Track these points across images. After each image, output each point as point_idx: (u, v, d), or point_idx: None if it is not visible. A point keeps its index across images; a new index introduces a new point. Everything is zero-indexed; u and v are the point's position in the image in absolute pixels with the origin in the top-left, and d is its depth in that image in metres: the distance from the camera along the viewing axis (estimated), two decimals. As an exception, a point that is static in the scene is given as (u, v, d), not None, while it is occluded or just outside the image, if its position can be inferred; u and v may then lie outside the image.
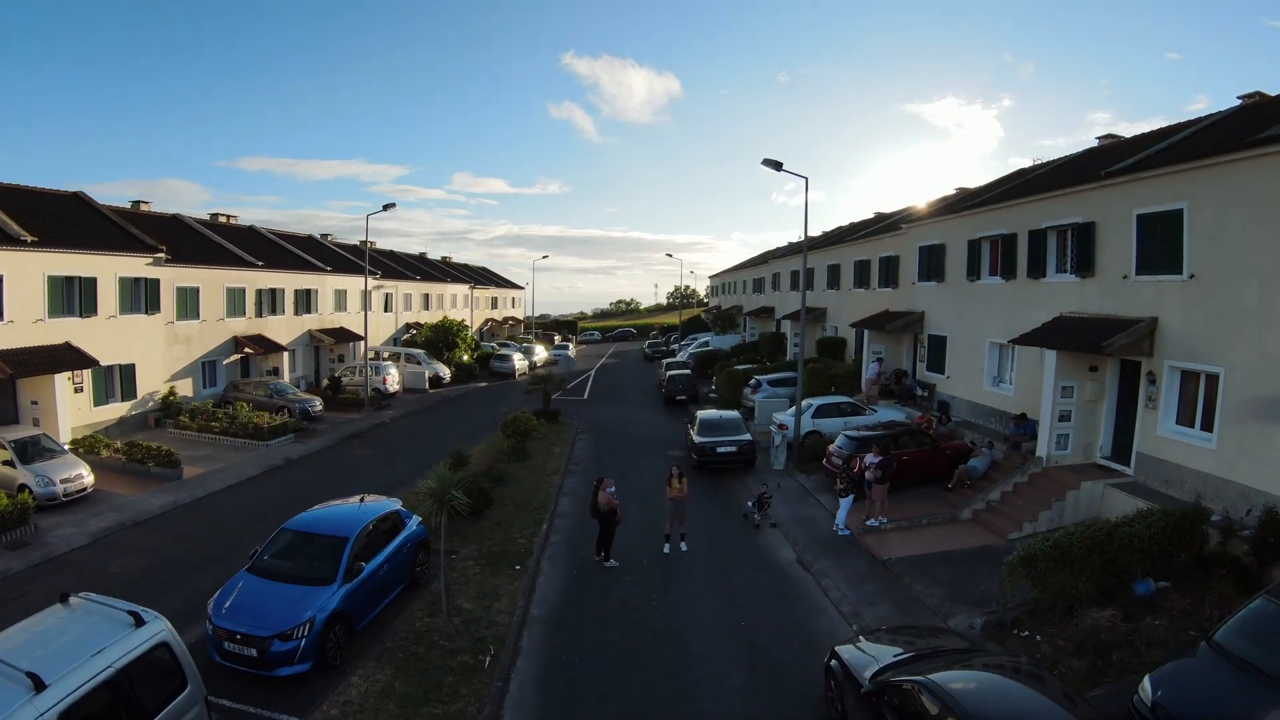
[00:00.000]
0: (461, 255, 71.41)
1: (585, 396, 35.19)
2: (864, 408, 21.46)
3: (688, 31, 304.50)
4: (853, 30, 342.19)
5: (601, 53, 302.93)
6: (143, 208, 29.84)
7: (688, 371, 33.31)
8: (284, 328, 31.21)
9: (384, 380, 31.46)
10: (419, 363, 35.93)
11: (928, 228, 23.31)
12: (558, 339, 65.57)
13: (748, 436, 19.30)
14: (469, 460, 15.69)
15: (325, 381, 32.06)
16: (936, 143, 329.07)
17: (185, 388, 25.82)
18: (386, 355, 36.62)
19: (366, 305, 30.46)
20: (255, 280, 29.39)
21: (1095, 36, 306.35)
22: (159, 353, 24.64)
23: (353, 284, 37.51)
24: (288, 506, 15.61)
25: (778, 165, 17.93)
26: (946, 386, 21.51)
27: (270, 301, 30.45)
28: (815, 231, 60.43)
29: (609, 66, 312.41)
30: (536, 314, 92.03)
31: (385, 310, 42.34)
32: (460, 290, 56.27)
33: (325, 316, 34.78)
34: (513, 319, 70.13)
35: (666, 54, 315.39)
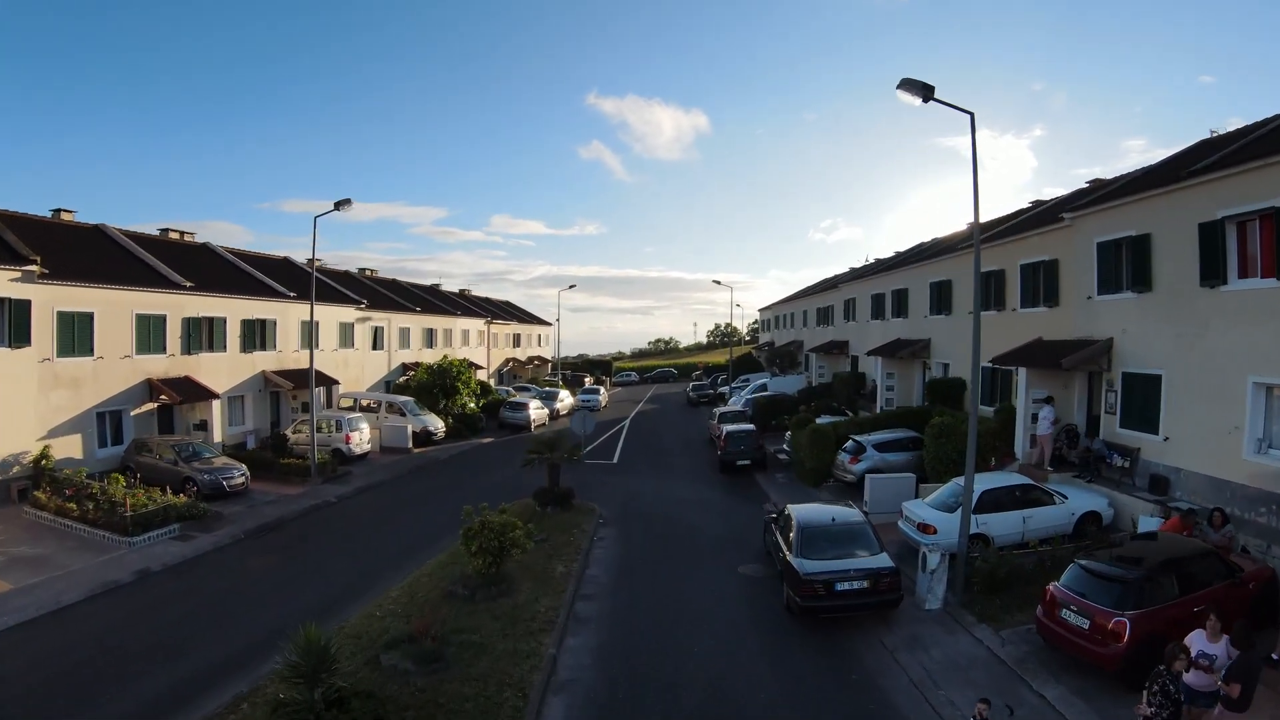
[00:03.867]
0: (501, 296, 66.55)
1: (615, 460, 28.28)
2: (1050, 493, 14.00)
3: (712, 68, 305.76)
4: (880, 67, 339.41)
5: (627, 92, 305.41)
6: (64, 216, 24.66)
7: (750, 426, 26.19)
8: (225, 368, 25.35)
9: (347, 438, 25.12)
10: (403, 413, 29.54)
11: (1113, 214, 16.33)
12: (588, 381, 58.91)
13: (886, 561, 11.66)
14: (333, 663, 7.61)
15: (272, 440, 25.86)
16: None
17: (71, 446, 19.99)
18: (367, 403, 30.40)
19: (313, 336, 23.69)
20: (182, 306, 23.64)
21: (1125, 64, 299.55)
22: (28, 400, 18.93)
23: (331, 314, 31.73)
24: (60, 690, 9.31)
25: (928, 91, 11.28)
26: (1160, 452, 14.60)
27: (207, 334, 24.72)
28: (842, 269, 53.83)
29: (635, 105, 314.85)
30: (574, 354, 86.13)
31: (374, 347, 36.48)
32: (474, 325, 50.39)
33: (287, 355, 28.86)
34: (539, 359, 63.87)
35: (692, 91, 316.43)
